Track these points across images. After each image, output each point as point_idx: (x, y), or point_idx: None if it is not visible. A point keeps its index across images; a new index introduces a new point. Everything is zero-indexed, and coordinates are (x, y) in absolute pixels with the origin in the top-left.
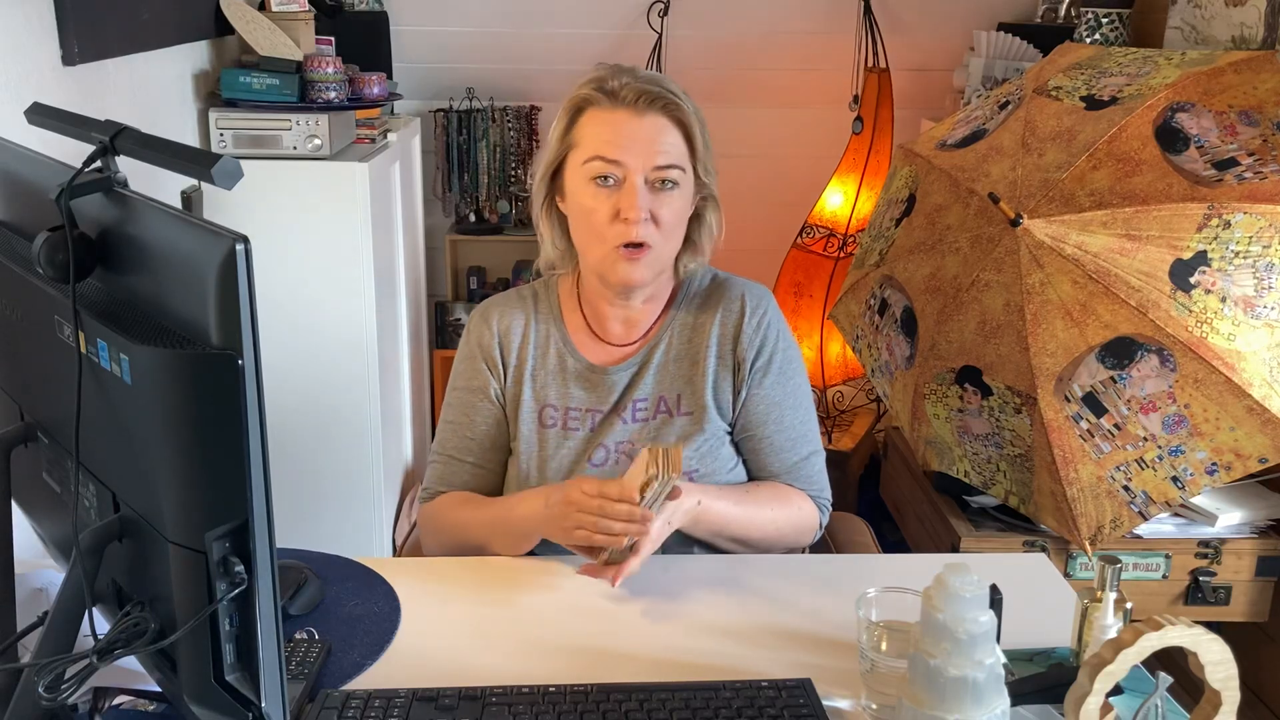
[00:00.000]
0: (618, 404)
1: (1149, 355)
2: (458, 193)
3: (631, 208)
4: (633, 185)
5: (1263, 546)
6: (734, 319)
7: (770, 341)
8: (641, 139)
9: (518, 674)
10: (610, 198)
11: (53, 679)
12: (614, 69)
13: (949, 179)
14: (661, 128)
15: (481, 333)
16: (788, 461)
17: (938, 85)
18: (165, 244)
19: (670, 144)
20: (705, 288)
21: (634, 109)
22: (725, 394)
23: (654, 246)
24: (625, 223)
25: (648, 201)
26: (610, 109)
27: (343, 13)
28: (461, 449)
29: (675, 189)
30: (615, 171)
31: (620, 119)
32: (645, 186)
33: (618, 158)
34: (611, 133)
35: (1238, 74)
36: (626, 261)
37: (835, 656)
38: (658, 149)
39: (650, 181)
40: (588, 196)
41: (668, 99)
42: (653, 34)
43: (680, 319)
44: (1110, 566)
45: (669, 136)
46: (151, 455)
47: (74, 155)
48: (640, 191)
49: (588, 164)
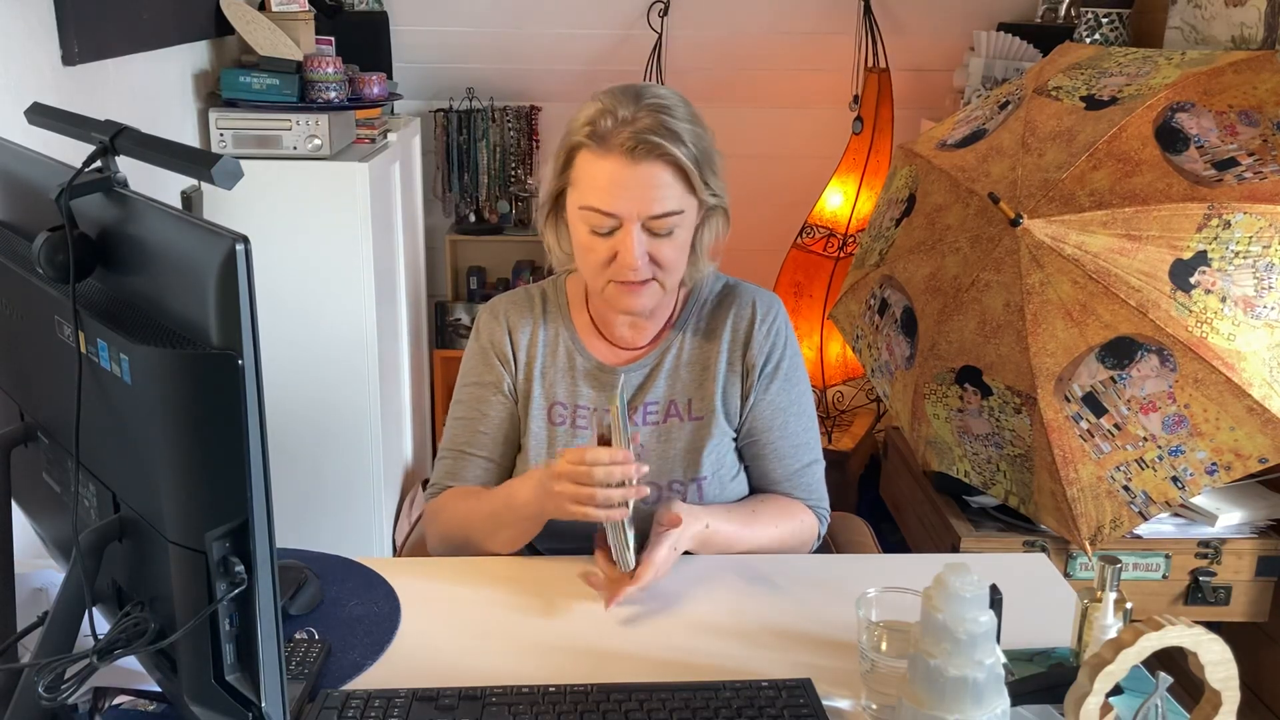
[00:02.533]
0: (628, 406)
1: (1149, 355)
2: (458, 193)
3: (628, 254)
4: (628, 233)
5: (1263, 546)
6: (745, 325)
7: (779, 348)
8: (636, 189)
9: (518, 674)
10: (607, 243)
11: (53, 679)
12: (609, 106)
13: (949, 179)
14: (656, 176)
15: (492, 329)
16: (790, 468)
17: (938, 85)
18: (165, 244)
19: (666, 193)
20: (716, 294)
21: (630, 157)
22: (734, 399)
23: (655, 280)
24: (622, 266)
25: (645, 247)
26: (603, 156)
27: (343, 13)
28: (473, 443)
29: (676, 230)
30: (611, 222)
31: (614, 168)
32: (642, 232)
33: (612, 210)
34: (606, 182)
35: (1238, 74)
36: (629, 293)
37: (835, 656)
38: (653, 198)
39: (648, 228)
40: (585, 237)
41: (664, 148)
42: (653, 34)
43: (692, 324)
44: (1110, 566)
45: (665, 185)
46: (151, 455)
47: (74, 155)
48: (637, 240)
49: (583, 211)
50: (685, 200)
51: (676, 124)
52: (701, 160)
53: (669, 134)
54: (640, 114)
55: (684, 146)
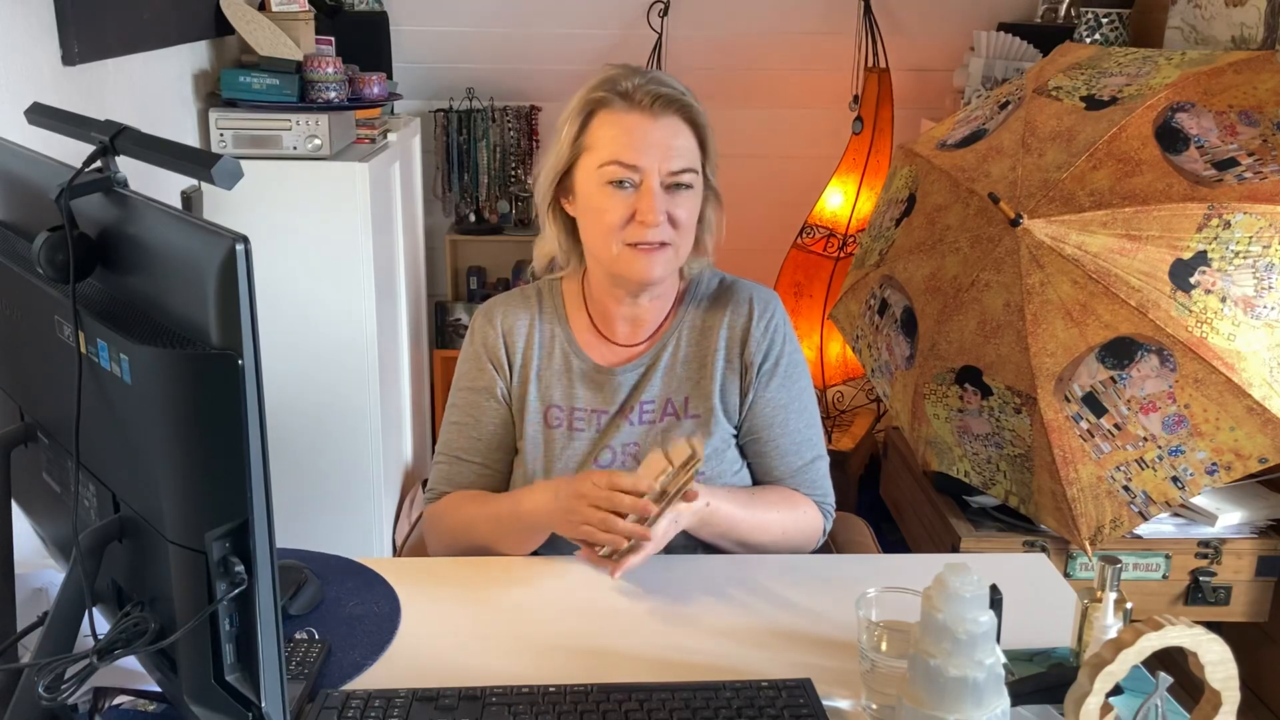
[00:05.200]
0: (624, 405)
1: (1149, 355)
2: (458, 193)
3: (650, 210)
4: (650, 188)
5: (1263, 546)
6: (742, 322)
7: (777, 345)
8: (658, 142)
9: (518, 674)
10: (626, 200)
11: (53, 679)
12: (624, 69)
13: (949, 179)
14: (677, 130)
15: (486, 333)
16: (792, 465)
17: (938, 85)
18: (165, 244)
19: (685, 147)
20: (713, 290)
21: (649, 112)
22: (732, 397)
23: (671, 244)
24: (643, 225)
25: (664, 204)
26: (625, 111)
27: (343, 13)
28: (468, 449)
29: (689, 190)
30: (632, 176)
31: (636, 122)
32: (661, 189)
33: (635, 162)
34: (628, 136)
35: (1238, 74)
36: (644, 256)
37: (835, 656)
38: (673, 152)
39: (665, 184)
40: (603, 198)
41: (683, 101)
42: (653, 34)
43: (688, 321)
44: (1110, 566)
45: (683, 139)
46: (151, 455)
47: (74, 155)
48: (658, 195)
49: (604, 168)
50: (698, 162)
51: (686, 90)
52: (709, 130)
53: (684, 93)
54: (653, 76)
55: (697, 110)
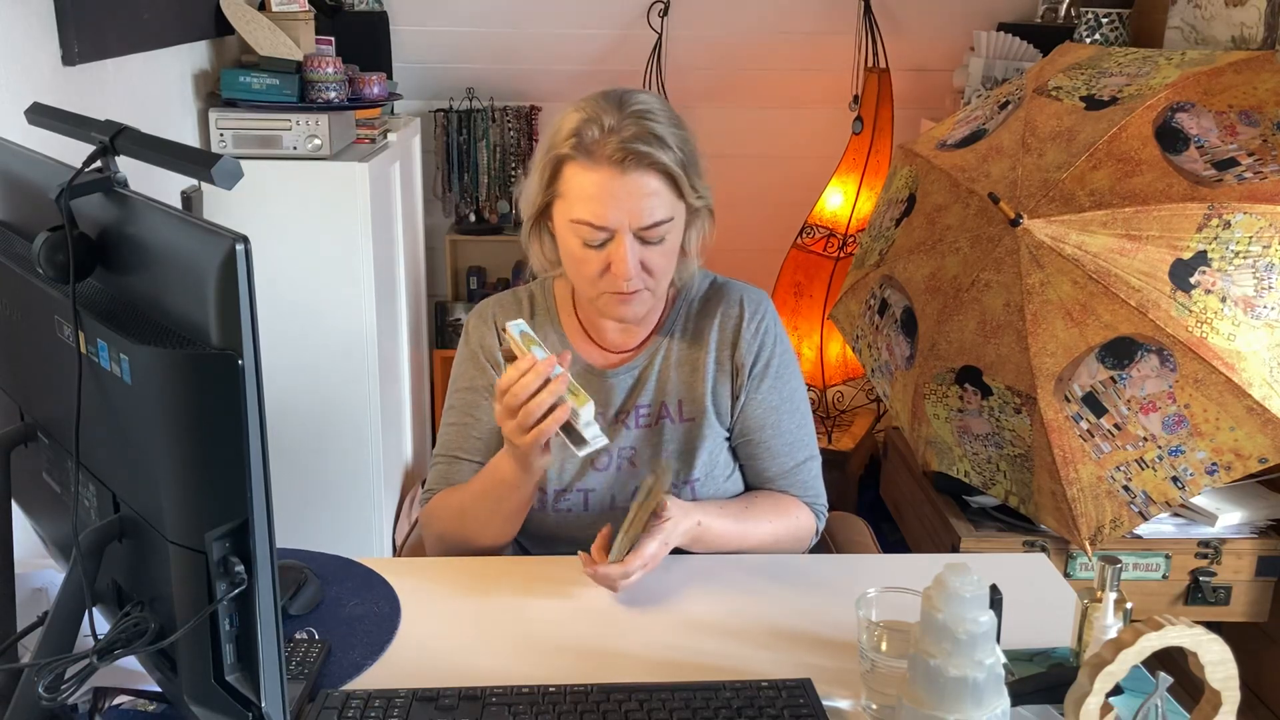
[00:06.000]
0: (620, 409)
1: (1149, 355)
2: (458, 193)
3: (622, 264)
4: (621, 244)
5: (1263, 546)
6: (733, 323)
7: (768, 346)
8: (626, 200)
9: (518, 674)
10: (600, 255)
11: (53, 679)
12: (593, 115)
13: (949, 179)
14: (646, 185)
15: (482, 333)
16: (784, 466)
17: (938, 85)
18: (165, 244)
19: (657, 202)
20: (704, 292)
21: (618, 169)
22: (724, 399)
23: (649, 289)
24: (617, 277)
25: (637, 254)
26: (591, 168)
27: (343, 13)
28: (466, 448)
29: (666, 238)
30: (602, 235)
31: (604, 180)
32: (634, 241)
33: (604, 223)
34: (596, 194)
35: (1238, 74)
36: (622, 304)
37: (835, 656)
38: (644, 208)
39: (639, 237)
40: (578, 249)
41: (651, 157)
42: (653, 34)
43: (680, 324)
44: (1110, 566)
45: (654, 193)
46: (151, 455)
47: (74, 155)
48: (630, 249)
49: (574, 224)
50: (674, 207)
51: (661, 129)
52: (687, 164)
53: (655, 141)
54: (625, 122)
55: (670, 152)
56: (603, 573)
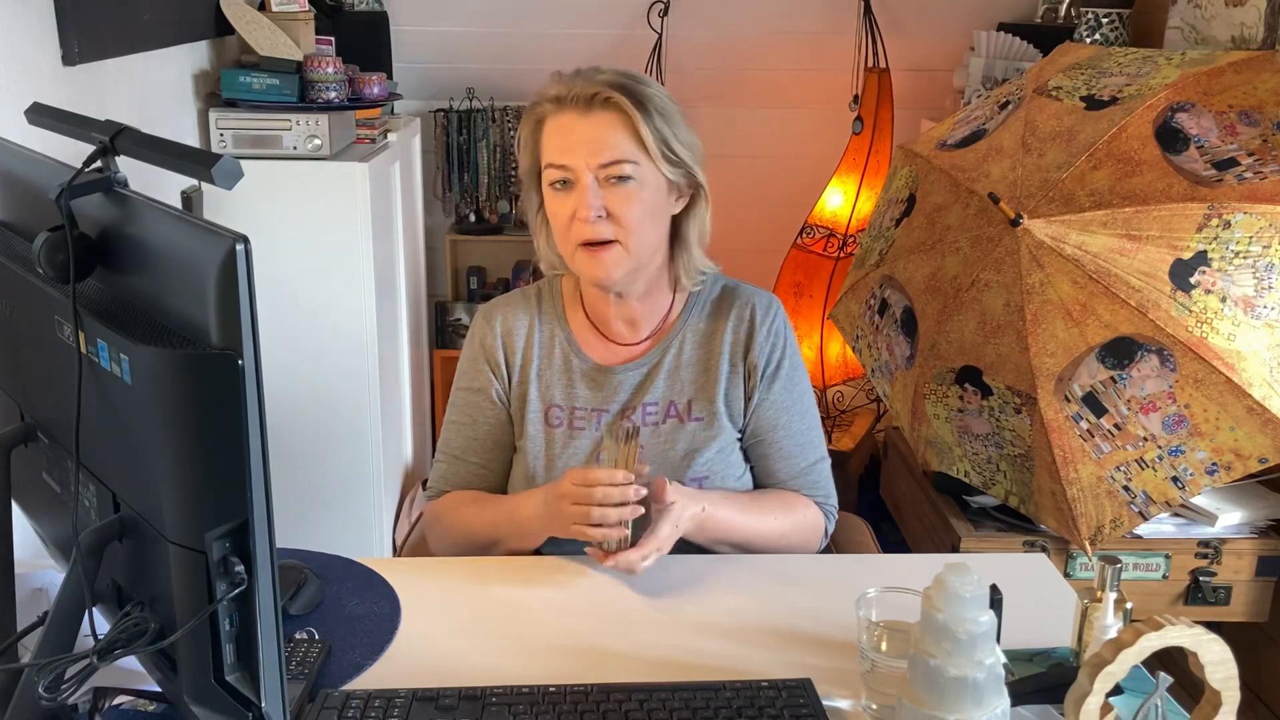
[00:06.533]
0: (626, 406)
1: (1149, 355)
2: (458, 193)
3: (583, 206)
4: (583, 185)
5: (1263, 546)
6: (746, 326)
7: (780, 349)
8: (586, 139)
9: (518, 674)
10: (568, 200)
11: (53, 679)
12: (567, 75)
13: (949, 179)
14: (607, 124)
15: (485, 334)
16: (796, 467)
17: (938, 85)
18: (165, 244)
19: (616, 140)
20: (716, 295)
21: (580, 110)
22: (737, 401)
23: (618, 242)
24: (581, 221)
25: (600, 200)
26: (558, 114)
27: (343, 13)
28: (465, 449)
29: (630, 182)
30: (567, 175)
31: (567, 123)
32: (596, 184)
33: (564, 161)
34: (560, 138)
35: (1238, 74)
36: (590, 258)
37: (835, 656)
38: (601, 146)
39: (602, 179)
40: (551, 201)
41: (611, 95)
42: (653, 34)
43: (692, 325)
44: (1110, 566)
45: (615, 133)
46: (151, 455)
47: (74, 155)
48: (590, 190)
49: (546, 170)
50: (636, 153)
51: (637, 86)
52: (661, 125)
53: (623, 89)
54: (602, 74)
55: (638, 102)
56: (623, 561)
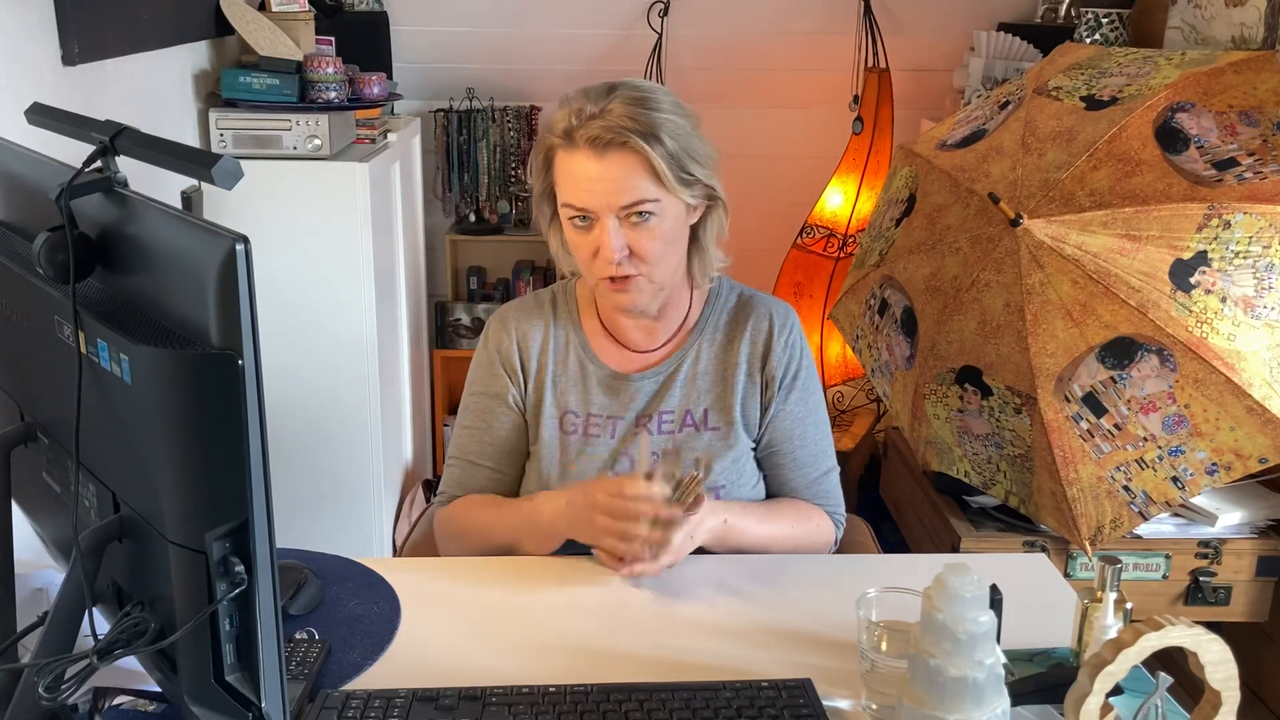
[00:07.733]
0: (642, 414)
1: (1149, 355)
2: (458, 193)
3: (606, 248)
4: (604, 226)
5: (1263, 546)
6: (763, 337)
7: (796, 359)
8: (604, 181)
9: (518, 674)
10: (589, 238)
11: (53, 679)
12: (577, 104)
13: (949, 179)
14: (623, 166)
15: (500, 339)
16: (809, 477)
17: (938, 85)
18: (165, 244)
19: (635, 183)
20: (733, 305)
21: (594, 151)
22: (753, 411)
23: (641, 275)
24: (605, 261)
25: (623, 239)
26: (570, 152)
27: (343, 13)
28: (480, 453)
29: (652, 219)
30: (587, 218)
31: (580, 163)
32: (619, 224)
33: (585, 206)
34: (576, 178)
35: (1238, 74)
36: (616, 293)
37: (835, 656)
38: (622, 189)
39: (623, 218)
40: (572, 234)
41: (627, 139)
42: (653, 34)
43: (709, 335)
44: (1110, 566)
45: (632, 174)
46: (151, 455)
47: (74, 155)
48: (613, 232)
49: (564, 208)
50: (656, 190)
51: (647, 114)
52: (677, 150)
53: (636, 125)
54: (611, 105)
55: (652, 137)
56: (637, 570)
